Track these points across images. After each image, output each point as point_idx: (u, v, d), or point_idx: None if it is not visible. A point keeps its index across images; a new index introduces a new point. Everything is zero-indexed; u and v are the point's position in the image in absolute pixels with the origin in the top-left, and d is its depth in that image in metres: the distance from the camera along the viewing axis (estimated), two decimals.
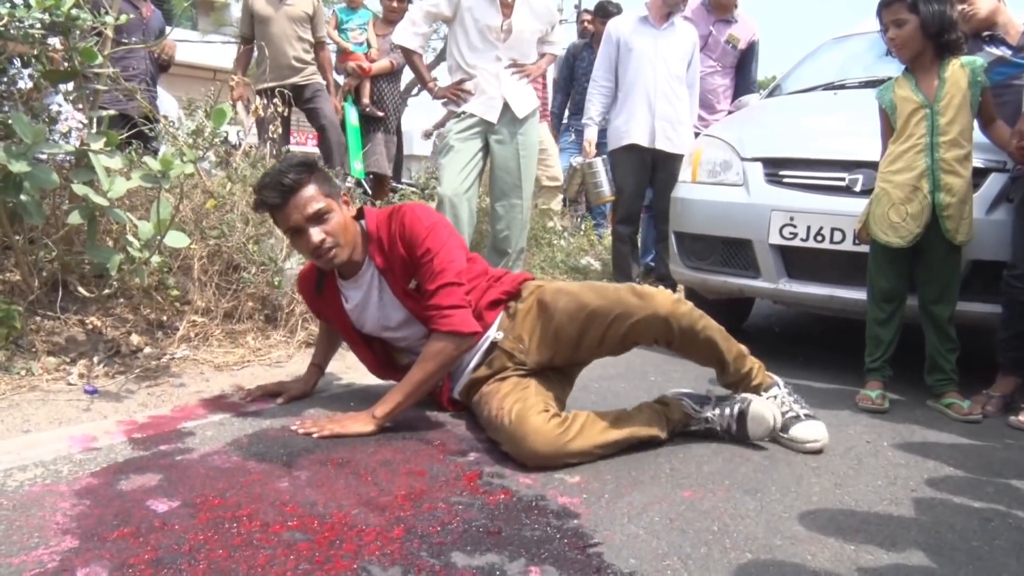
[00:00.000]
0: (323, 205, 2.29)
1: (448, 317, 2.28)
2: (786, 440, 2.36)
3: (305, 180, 2.28)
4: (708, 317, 2.38)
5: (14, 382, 2.59)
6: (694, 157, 3.82)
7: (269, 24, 5.28)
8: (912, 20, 2.81)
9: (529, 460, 2.09)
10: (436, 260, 2.31)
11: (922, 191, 2.80)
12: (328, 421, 2.32)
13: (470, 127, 3.96)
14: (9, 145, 2.52)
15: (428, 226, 2.33)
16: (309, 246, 2.30)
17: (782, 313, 5.07)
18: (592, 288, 2.38)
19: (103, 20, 2.74)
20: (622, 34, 4.73)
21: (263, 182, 2.31)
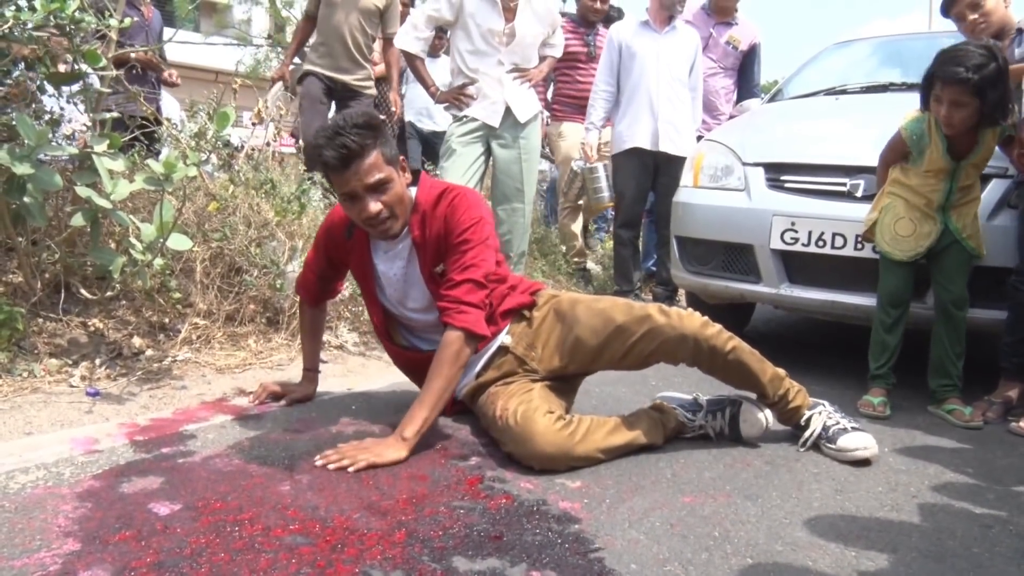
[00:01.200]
0: (384, 175, 2.18)
1: (465, 313, 2.22)
2: (833, 451, 2.35)
3: (370, 145, 2.15)
4: (739, 340, 2.37)
5: (16, 384, 2.59)
6: (696, 162, 3.83)
7: (333, 9, 4.92)
8: (972, 104, 2.68)
9: (534, 461, 2.10)
10: (470, 253, 2.26)
11: (934, 220, 2.84)
12: (356, 450, 2.10)
13: (472, 131, 3.97)
14: (13, 147, 2.52)
15: (475, 217, 2.28)
16: (364, 215, 2.20)
17: (783, 318, 5.07)
18: (617, 304, 2.39)
19: (107, 23, 2.74)
20: (623, 39, 4.74)
21: (322, 138, 2.16)
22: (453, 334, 2.20)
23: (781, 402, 2.42)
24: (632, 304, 2.39)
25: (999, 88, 2.66)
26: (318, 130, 2.22)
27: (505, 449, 2.20)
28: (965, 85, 2.65)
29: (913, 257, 2.86)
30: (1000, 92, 2.67)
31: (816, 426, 2.40)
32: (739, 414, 2.42)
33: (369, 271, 2.45)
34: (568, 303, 2.44)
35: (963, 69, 2.64)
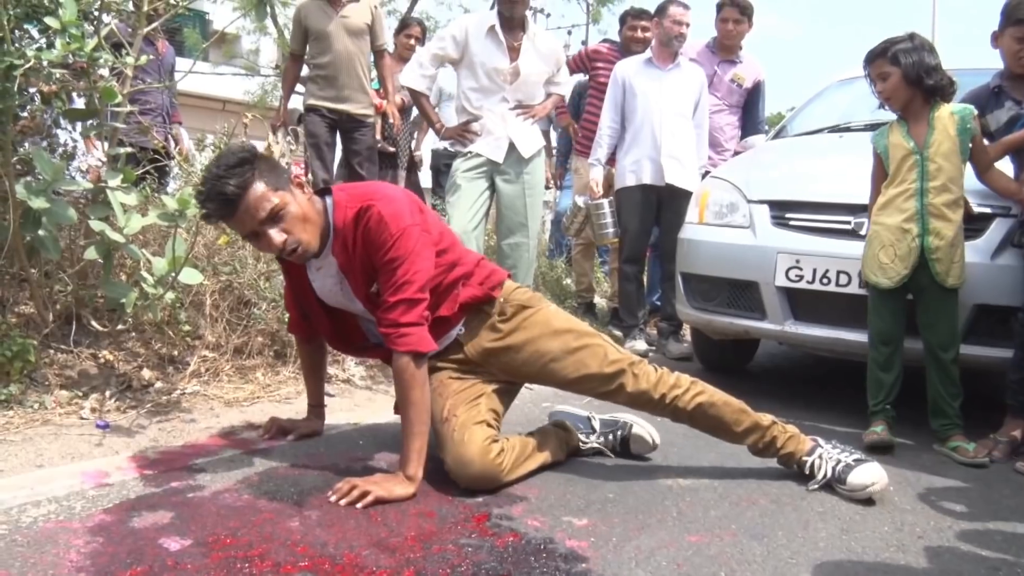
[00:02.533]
0: (276, 203, 2.11)
1: (405, 336, 2.17)
2: (845, 491, 2.35)
3: (249, 180, 2.09)
4: (709, 394, 2.44)
5: (28, 416, 2.61)
6: (701, 199, 3.86)
7: (330, 40, 4.92)
8: (895, 72, 2.93)
9: (462, 480, 2.23)
10: (400, 270, 2.18)
11: (911, 234, 2.86)
12: (367, 483, 2.10)
13: (476, 167, 4.02)
14: (29, 181, 2.57)
15: (396, 231, 2.17)
16: (272, 248, 2.18)
17: (787, 353, 5.08)
18: (594, 351, 2.41)
19: (124, 61, 2.79)
20: (628, 76, 4.79)
21: (204, 193, 2.12)
22: (401, 360, 2.18)
23: (768, 450, 2.47)
24: (607, 353, 2.42)
25: (912, 55, 2.90)
26: (200, 183, 2.21)
27: (439, 452, 2.29)
28: (883, 56, 2.96)
29: (899, 281, 2.88)
30: (915, 59, 2.89)
31: (824, 471, 2.41)
32: (629, 438, 2.64)
33: (306, 285, 2.42)
34: (542, 330, 2.41)
35: (879, 45, 3.01)
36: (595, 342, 2.43)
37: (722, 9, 5.31)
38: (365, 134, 5.13)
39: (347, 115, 5.04)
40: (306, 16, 4.97)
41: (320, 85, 4.99)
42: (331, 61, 4.95)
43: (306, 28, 4.98)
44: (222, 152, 2.25)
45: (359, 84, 5.04)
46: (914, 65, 2.89)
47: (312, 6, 4.96)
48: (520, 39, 4.01)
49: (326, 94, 4.98)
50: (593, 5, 18.64)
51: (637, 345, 4.74)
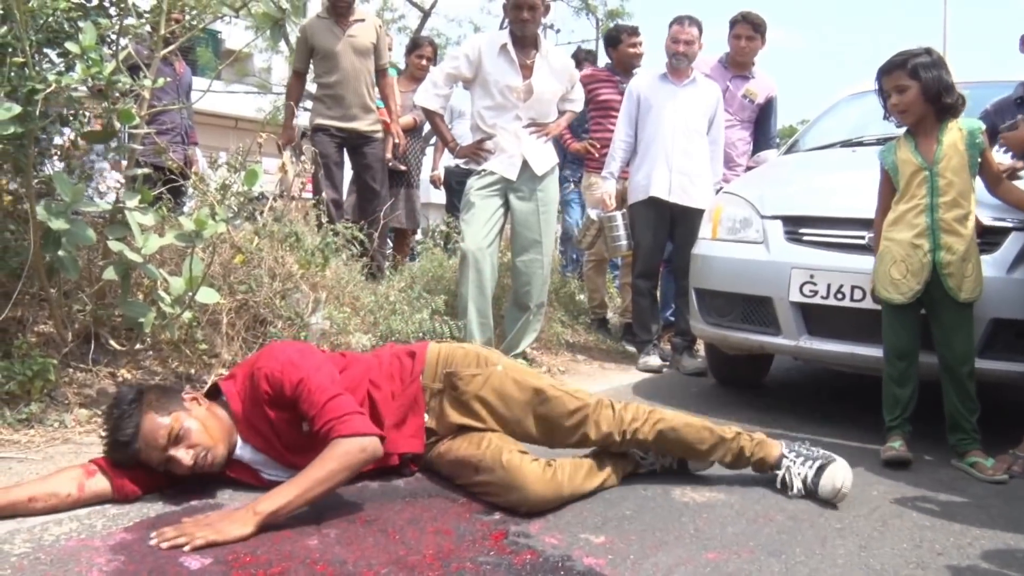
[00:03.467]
0: (169, 425, 2.09)
1: (345, 422, 2.06)
2: (822, 499, 2.42)
3: (140, 418, 2.09)
4: (668, 420, 2.47)
5: (48, 434, 2.64)
6: (714, 214, 3.87)
7: (337, 59, 4.97)
8: (913, 86, 2.90)
9: (524, 506, 2.18)
10: (310, 383, 2.13)
11: (922, 249, 2.86)
12: (196, 526, 1.91)
13: (490, 184, 4.05)
14: (49, 203, 2.60)
15: (283, 363, 2.16)
16: (184, 468, 2.10)
17: (801, 368, 5.07)
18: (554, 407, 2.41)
19: (142, 84, 2.83)
20: (641, 90, 4.82)
21: (108, 445, 2.13)
22: (344, 440, 2.04)
23: (739, 461, 2.53)
24: (567, 403, 2.42)
25: (932, 71, 2.87)
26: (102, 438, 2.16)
27: (489, 498, 2.24)
28: (902, 68, 2.91)
29: (912, 296, 2.88)
30: (935, 74, 2.87)
31: (796, 486, 2.47)
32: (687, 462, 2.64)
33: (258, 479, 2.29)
34: (499, 396, 2.42)
35: (897, 56, 2.96)
36: (552, 395, 2.43)
37: (735, 25, 5.34)
38: (375, 148, 5.18)
39: (356, 133, 5.08)
40: (313, 35, 5.01)
41: (327, 104, 5.04)
42: (339, 80, 4.99)
43: (312, 46, 5.02)
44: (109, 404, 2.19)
45: (364, 101, 5.10)
46: (934, 81, 2.87)
47: (319, 25, 5.02)
48: (533, 57, 4.04)
49: (334, 113, 5.02)
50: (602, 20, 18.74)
51: (651, 361, 4.74)
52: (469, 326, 3.98)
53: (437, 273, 4.69)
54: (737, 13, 5.38)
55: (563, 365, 4.73)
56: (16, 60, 2.40)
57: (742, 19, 5.33)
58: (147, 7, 3.20)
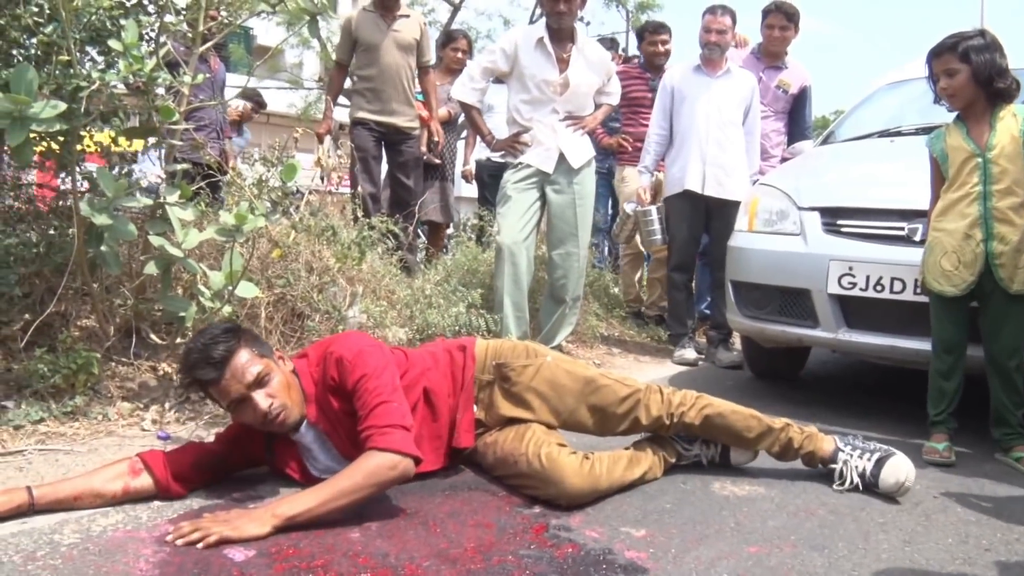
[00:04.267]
0: (262, 367, 2.11)
1: (387, 435, 2.03)
2: (881, 493, 2.41)
3: (236, 347, 2.11)
4: (715, 406, 2.48)
5: (92, 427, 2.68)
6: (751, 206, 3.84)
7: (379, 53, 4.97)
8: (964, 70, 2.82)
9: (563, 499, 2.19)
10: (369, 382, 2.12)
11: (975, 239, 2.80)
12: (213, 522, 1.91)
13: (527, 177, 4.04)
14: (92, 199, 2.64)
15: (354, 354, 2.16)
16: (257, 414, 2.10)
17: (839, 360, 5.02)
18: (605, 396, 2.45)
19: (181, 80, 2.86)
20: (676, 83, 4.79)
21: (190, 360, 2.11)
22: (378, 453, 2.01)
23: (787, 452, 2.52)
24: (617, 391, 2.45)
25: (984, 54, 2.79)
26: (183, 355, 2.18)
27: (529, 492, 2.26)
28: (952, 51, 2.83)
29: (965, 289, 2.82)
30: (987, 58, 2.79)
31: (850, 477, 2.45)
32: (730, 448, 2.61)
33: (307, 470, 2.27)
34: (550, 386, 2.44)
35: (948, 38, 2.87)
36: (603, 383, 2.47)
37: (768, 15, 5.28)
38: (411, 146, 5.18)
39: (394, 128, 5.08)
40: (357, 27, 5.01)
41: (367, 98, 5.04)
42: (378, 74, 4.99)
43: (355, 39, 5.03)
44: (205, 328, 2.22)
45: (405, 97, 5.09)
46: (985, 64, 2.79)
47: (364, 18, 5.02)
48: (569, 50, 4.03)
49: (373, 107, 5.03)
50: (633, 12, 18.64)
51: (687, 354, 4.72)
52: (505, 320, 3.98)
53: (472, 267, 4.69)
54: (770, 2, 5.32)
55: (598, 358, 4.72)
56: (62, 59, 2.44)
57: (775, 8, 5.27)
58: (184, 4, 3.23)
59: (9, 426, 2.55)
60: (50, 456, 2.44)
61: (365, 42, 5.00)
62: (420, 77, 5.28)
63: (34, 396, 2.70)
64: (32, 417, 2.60)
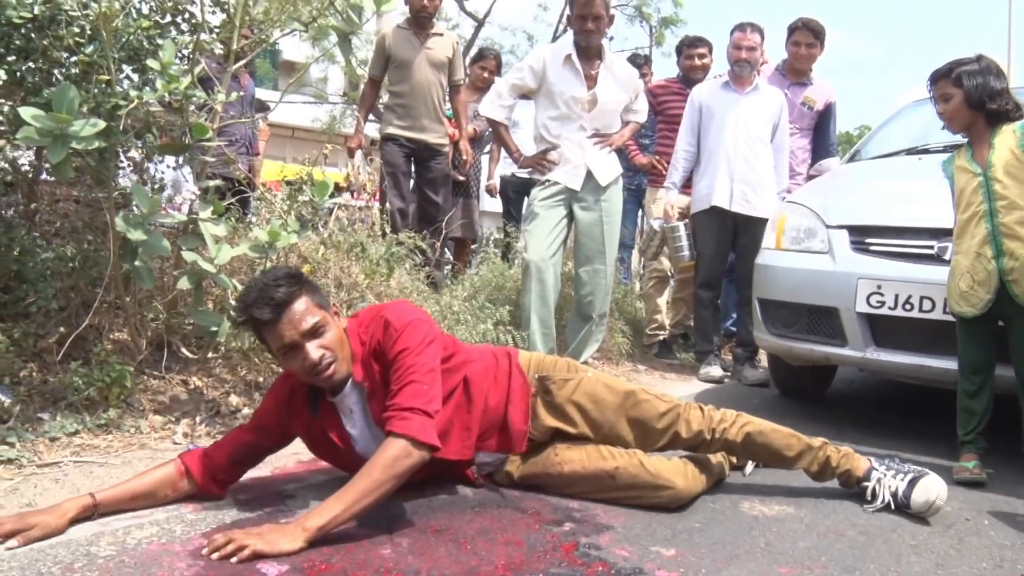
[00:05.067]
0: (319, 318, 2.13)
1: (406, 420, 2.04)
2: (912, 512, 2.41)
3: (297, 293, 2.12)
4: (754, 424, 2.51)
5: (125, 439, 2.71)
6: (778, 224, 3.84)
7: (411, 69, 5.04)
8: (957, 94, 2.89)
9: (676, 501, 2.34)
10: (408, 357, 2.13)
11: (986, 257, 2.79)
12: (246, 535, 1.90)
13: (554, 194, 4.07)
14: (127, 214, 2.69)
15: (400, 326, 2.17)
16: (307, 364, 2.11)
17: (865, 379, 4.98)
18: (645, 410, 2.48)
19: (215, 98, 2.91)
20: (704, 99, 4.80)
21: (248, 298, 2.12)
22: (394, 441, 2.02)
23: (825, 471, 2.53)
24: (657, 406, 2.49)
25: (977, 78, 2.86)
26: (242, 292, 2.22)
27: (630, 502, 2.34)
28: (947, 77, 2.92)
29: (983, 308, 2.80)
30: (979, 82, 2.85)
31: (884, 497, 2.45)
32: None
33: (348, 441, 2.30)
34: (592, 399, 2.47)
35: (944, 65, 2.97)
36: (643, 398, 2.50)
37: (794, 32, 5.28)
38: (440, 162, 5.22)
39: (424, 144, 5.12)
40: (391, 44, 5.08)
41: (398, 114, 5.08)
42: (409, 90, 5.05)
43: (389, 55, 5.09)
44: (268, 269, 2.26)
45: (435, 114, 5.14)
46: (977, 88, 2.84)
47: (398, 35, 5.09)
48: (597, 67, 4.06)
49: (404, 123, 5.07)
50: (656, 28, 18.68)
51: (712, 371, 4.71)
52: (532, 336, 4.00)
53: (499, 283, 4.71)
54: (797, 19, 5.33)
55: (624, 376, 4.72)
56: (102, 78, 2.49)
57: (802, 26, 5.27)
58: (216, 22, 3.28)
59: (45, 437, 2.59)
60: (85, 468, 2.48)
61: (398, 58, 5.06)
62: (450, 95, 5.33)
63: (69, 408, 2.75)
64: (67, 429, 2.64)
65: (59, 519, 1.97)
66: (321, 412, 2.29)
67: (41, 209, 3.24)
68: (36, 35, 2.57)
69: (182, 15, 3.13)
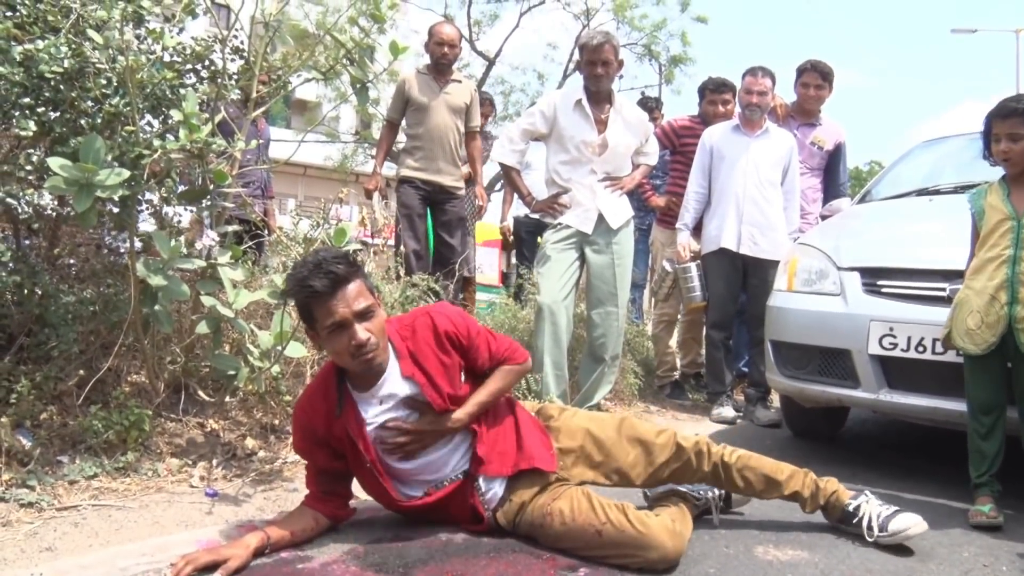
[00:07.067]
0: (370, 303, 2.22)
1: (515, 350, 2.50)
2: (887, 538, 2.47)
3: (354, 273, 2.21)
4: (744, 451, 2.59)
5: (143, 483, 2.74)
6: (790, 265, 3.86)
7: (429, 113, 5.12)
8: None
9: (663, 563, 2.22)
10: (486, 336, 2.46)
11: (999, 302, 2.79)
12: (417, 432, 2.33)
13: (566, 238, 4.11)
14: (148, 260, 2.73)
15: (462, 319, 2.42)
16: (354, 343, 2.18)
17: (877, 420, 4.97)
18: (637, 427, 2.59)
19: (235, 146, 2.97)
20: (715, 142, 4.85)
21: (306, 269, 2.18)
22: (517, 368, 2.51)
23: (816, 497, 2.58)
24: (657, 430, 2.60)
25: None
26: (297, 264, 2.28)
27: (616, 561, 2.24)
28: (1021, 116, 2.81)
29: (986, 349, 2.80)
30: None
31: (868, 515, 2.52)
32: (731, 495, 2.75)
33: (367, 440, 2.32)
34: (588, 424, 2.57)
35: (1016, 103, 2.86)
36: (635, 421, 2.62)
37: (803, 74, 5.34)
38: (456, 205, 5.28)
39: (439, 187, 5.18)
40: (410, 87, 5.15)
41: (415, 157, 5.15)
42: (426, 132, 5.12)
43: (408, 98, 5.17)
44: (321, 248, 2.40)
45: (451, 157, 5.21)
46: None
47: (418, 79, 5.18)
48: (607, 112, 4.12)
49: (420, 165, 5.14)
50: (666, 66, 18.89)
51: (725, 412, 4.71)
52: (545, 378, 4.02)
53: (511, 325, 4.74)
54: (805, 61, 5.38)
55: (636, 416, 4.72)
56: (128, 128, 2.55)
57: (811, 68, 5.33)
58: (234, 69, 3.35)
59: (64, 480, 2.61)
60: (103, 512, 2.50)
61: (416, 102, 5.13)
62: (466, 142, 5.39)
63: (88, 451, 2.77)
64: (86, 472, 2.67)
65: (246, 550, 2.14)
66: (346, 410, 2.34)
67: (63, 253, 3.30)
68: (65, 87, 2.64)
69: (203, 63, 3.20)
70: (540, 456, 2.43)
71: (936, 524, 2.76)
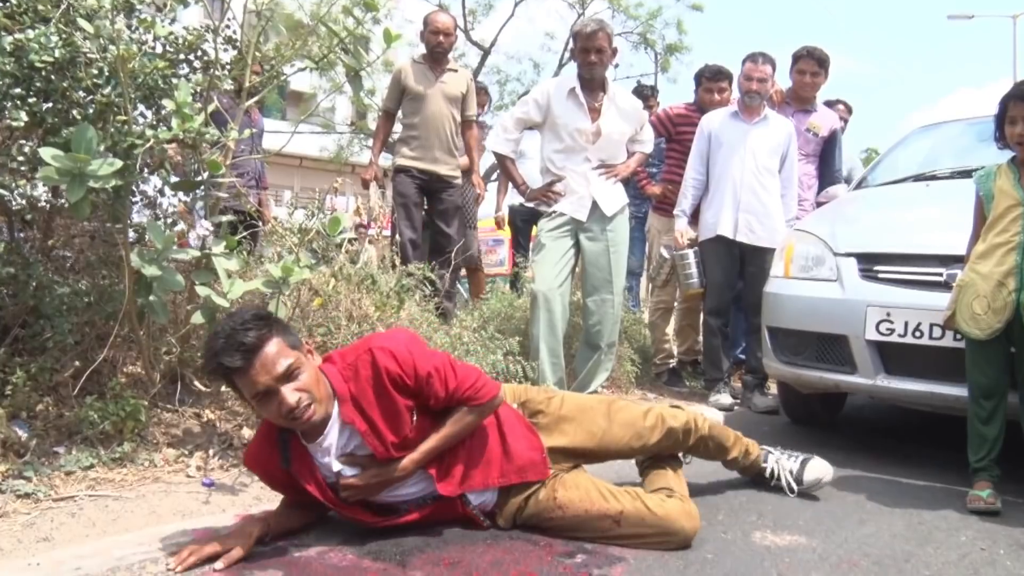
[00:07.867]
0: (292, 360, 2.05)
1: (484, 387, 2.25)
2: (805, 489, 2.82)
3: (267, 335, 2.03)
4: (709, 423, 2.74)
5: (140, 473, 2.73)
6: (786, 252, 3.85)
7: (425, 102, 5.10)
8: None
9: (684, 544, 2.30)
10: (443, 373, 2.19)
11: (1007, 288, 2.77)
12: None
13: (561, 225, 4.11)
14: (142, 250, 2.72)
15: (408, 355, 2.15)
16: (284, 409, 2.02)
17: (875, 406, 4.97)
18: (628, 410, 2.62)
19: (228, 135, 2.95)
20: (713, 129, 4.83)
21: (216, 345, 2.02)
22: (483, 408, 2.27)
23: (747, 457, 2.84)
24: (636, 407, 2.66)
25: None
26: (211, 336, 2.11)
27: (635, 545, 2.28)
28: None
29: (991, 334, 2.79)
30: None
31: (783, 477, 2.83)
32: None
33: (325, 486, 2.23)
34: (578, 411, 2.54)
35: None
36: (622, 404, 2.65)
37: (798, 60, 5.31)
38: (452, 194, 5.27)
39: (436, 176, 5.17)
40: (406, 76, 5.14)
41: (411, 146, 5.14)
42: (422, 122, 5.10)
43: (404, 88, 5.15)
44: (234, 312, 2.21)
45: (448, 147, 5.19)
46: None
47: (414, 69, 5.16)
48: (601, 99, 4.11)
49: (416, 154, 5.12)
50: (661, 55, 18.87)
51: (722, 399, 4.71)
52: (541, 366, 4.02)
53: (508, 313, 4.73)
54: (801, 48, 5.35)
55: None
56: (120, 118, 2.54)
57: (807, 54, 5.30)
58: (227, 59, 3.34)
59: (61, 471, 2.61)
60: (100, 502, 2.49)
61: (412, 91, 5.12)
62: (463, 131, 5.37)
63: (84, 442, 2.77)
64: (83, 463, 2.66)
65: (248, 539, 2.11)
66: (295, 461, 2.21)
67: (57, 244, 3.28)
68: (56, 77, 2.63)
69: (195, 53, 3.19)
70: (530, 465, 2.36)
71: (933, 507, 2.77)
